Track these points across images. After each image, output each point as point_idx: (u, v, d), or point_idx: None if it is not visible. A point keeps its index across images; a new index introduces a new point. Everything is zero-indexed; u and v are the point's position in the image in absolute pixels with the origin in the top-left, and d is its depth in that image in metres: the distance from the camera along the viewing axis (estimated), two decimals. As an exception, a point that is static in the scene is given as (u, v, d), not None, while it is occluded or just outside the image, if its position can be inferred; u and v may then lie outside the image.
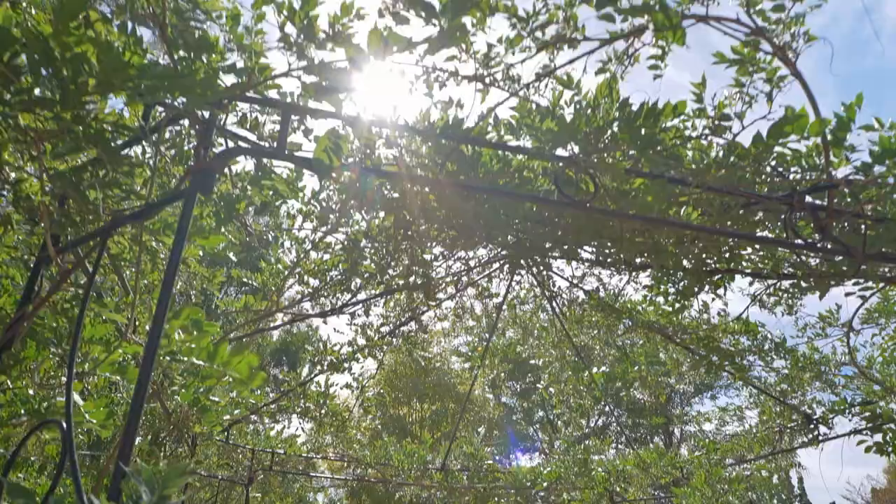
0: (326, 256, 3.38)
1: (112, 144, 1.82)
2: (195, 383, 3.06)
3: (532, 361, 20.91)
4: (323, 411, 4.91)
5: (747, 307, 3.83)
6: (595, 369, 5.08)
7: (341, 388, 4.89)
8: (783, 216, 2.13)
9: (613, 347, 4.87)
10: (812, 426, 4.47)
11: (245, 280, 3.58)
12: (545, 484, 5.58)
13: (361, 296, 3.96)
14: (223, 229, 2.54)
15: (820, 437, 4.45)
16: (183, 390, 3.13)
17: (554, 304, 4.83)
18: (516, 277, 4.69)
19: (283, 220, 3.21)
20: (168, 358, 1.82)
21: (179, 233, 1.61)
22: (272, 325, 3.87)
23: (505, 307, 4.94)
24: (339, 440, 5.41)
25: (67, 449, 1.39)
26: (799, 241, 2.17)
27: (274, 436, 5.31)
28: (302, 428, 5.15)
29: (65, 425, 1.43)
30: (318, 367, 4.68)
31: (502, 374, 20.44)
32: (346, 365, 4.69)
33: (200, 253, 3.02)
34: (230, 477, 5.26)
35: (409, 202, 2.72)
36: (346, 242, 3.19)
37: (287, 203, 2.84)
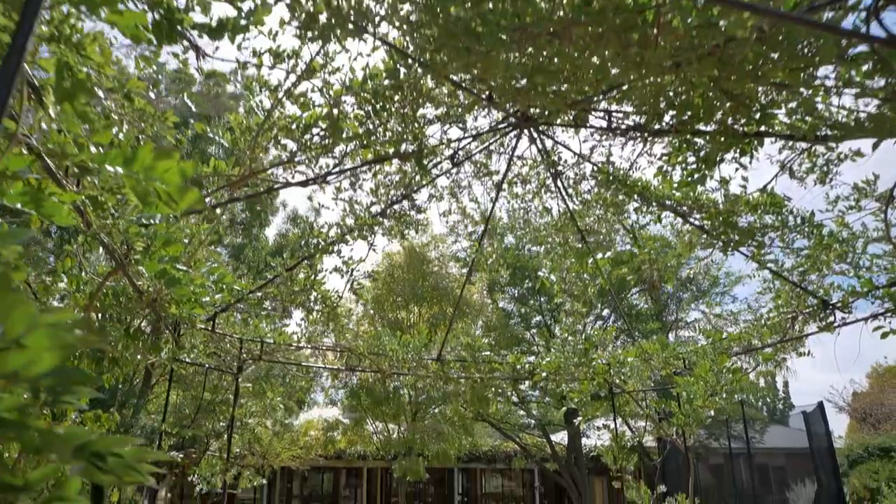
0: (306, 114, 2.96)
1: None
2: (159, 250, 2.73)
3: (532, 255, 20.84)
4: (312, 297, 4.65)
5: (775, 177, 3.46)
6: (600, 255, 4.79)
7: (330, 273, 4.60)
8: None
9: (621, 231, 4.54)
10: (828, 311, 4.23)
11: (212, 140, 3.16)
12: (544, 374, 5.45)
13: (347, 164, 3.57)
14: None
15: (835, 323, 4.22)
16: (147, 260, 2.81)
17: (559, 182, 4.46)
18: (518, 152, 4.29)
19: (249, 61, 2.75)
20: (79, 170, 1.46)
21: None
22: (247, 194, 3.49)
23: (505, 185, 4.56)
24: (330, 329, 5.20)
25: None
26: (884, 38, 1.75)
27: (262, 326, 5.11)
28: (290, 316, 4.91)
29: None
30: (305, 249, 4.37)
31: (502, 278, 20.44)
32: (334, 248, 4.39)
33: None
34: (218, 366, 5.09)
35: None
36: (324, 90, 2.75)
37: (250, 33, 2.37)
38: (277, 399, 5.07)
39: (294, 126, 2.96)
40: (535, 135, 4.10)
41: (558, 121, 3.79)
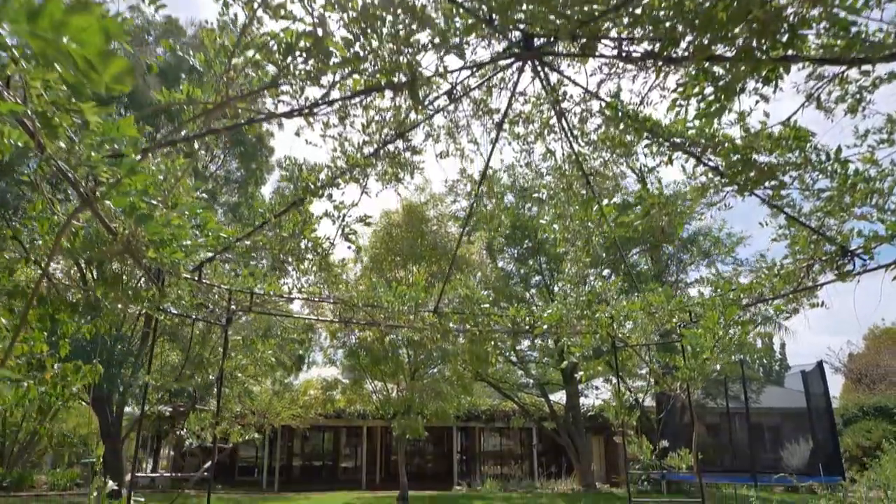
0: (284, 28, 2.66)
1: None
2: (126, 181, 2.47)
3: (531, 216, 20.62)
4: (302, 245, 4.42)
5: (801, 107, 3.18)
6: (606, 202, 4.53)
7: (321, 218, 4.35)
8: None
9: (628, 178, 4.28)
10: (847, 258, 4.00)
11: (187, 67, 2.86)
12: (545, 327, 5.26)
13: (336, 95, 3.28)
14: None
15: (854, 271, 4.00)
16: (114, 193, 2.55)
17: (563, 121, 4.17)
18: (520, 87, 3.99)
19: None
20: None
21: None
22: (226, 126, 3.21)
23: (506, 125, 4.27)
24: (322, 280, 4.98)
25: None
26: None
27: (252, 277, 4.88)
28: (286, 273, 4.69)
29: None
30: (294, 192, 4.12)
31: (501, 238, 20.22)
32: (324, 191, 4.13)
33: None
34: (206, 317, 4.88)
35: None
36: (306, 2, 2.45)
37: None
38: (269, 352, 4.88)
39: (274, 46, 2.66)
40: (540, 67, 3.79)
41: (564, 51, 3.49)
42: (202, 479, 23.98)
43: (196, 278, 4.70)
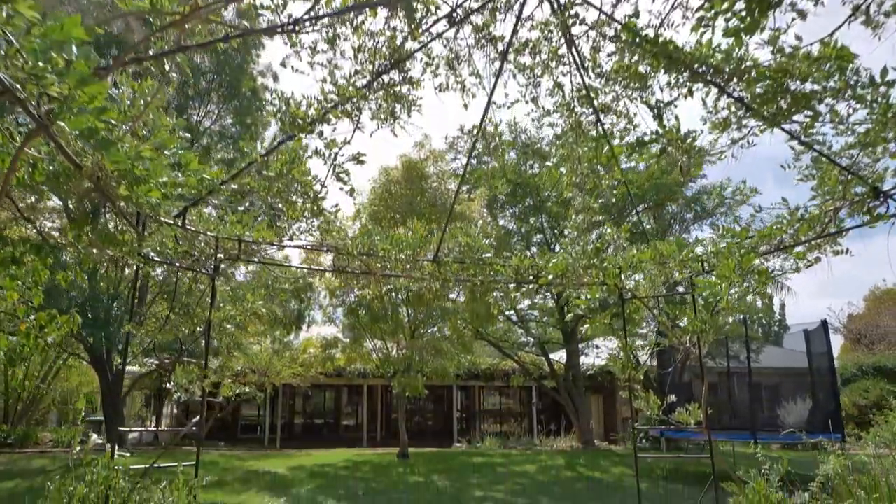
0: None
1: None
2: (81, 98, 2.15)
3: (533, 174, 20.22)
4: (293, 187, 4.11)
5: (846, 21, 2.82)
6: (617, 141, 4.21)
7: (310, 157, 4.03)
8: None
9: (641, 114, 3.94)
10: (879, 200, 3.71)
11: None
12: (550, 277, 5.00)
13: (323, 11, 2.93)
14: None
15: (888, 211, 3.71)
16: (68, 114, 2.23)
17: (573, 50, 3.82)
18: (526, 11, 3.62)
19: None
20: None
21: None
22: (200, 42, 2.87)
23: (511, 56, 3.91)
24: (315, 228, 4.70)
25: None
26: None
27: (240, 223, 4.60)
28: (271, 209, 4.39)
29: None
30: (281, 128, 3.80)
31: (502, 194, 19.87)
32: (314, 126, 3.81)
33: None
34: (191, 266, 4.62)
35: None
36: None
37: None
38: (259, 303, 4.64)
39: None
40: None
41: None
42: (192, 434, 24.22)
43: (180, 224, 4.41)
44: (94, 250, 3.64)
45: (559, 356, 24.56)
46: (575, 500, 11.26)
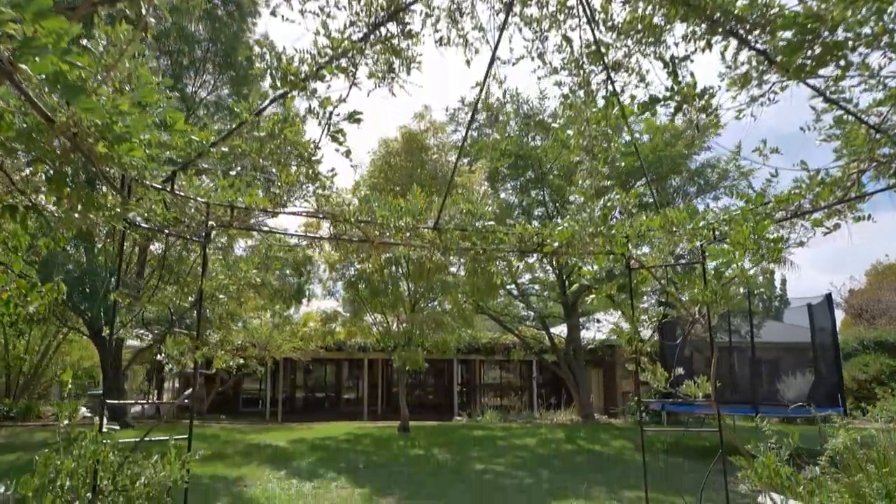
0: None
1: None
2: (42, 36, 1.93)
3: (534, 146, 19.92)
4: (287, 150, 3.90)
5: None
6: (628, 101, 3.97)
7: (304, 118, 3.81)
8: None
9: (654, 71, 3.69)
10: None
11: None
12: (555, 245, 4.80)
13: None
14: None
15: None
16: (32, 58, 2.01)
17: (584, 1, 3.56)
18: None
19: None
20: None
21: None
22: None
23: (517, 6, 3.65)
24: (311, 194, 4.49)
25: None
26: None
27: (231, 188, 4.39)
28: (263, 172, 4.18)
29: None
30: (271, 86, 3.57)
31: (503, 167, 19.59)
32: (307, 84, 3.58)
33: None
34: (181, 233, 4.42)
35: None
36: None
37: None
38: (253, 272, 4.46)
39: None
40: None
41: None
42: (184, 406, 24.34)
43: (168, 189, 4.21)
44: (76, 215, 3.44)
45: (560, 330, 24.52)
46: (575, 473, 11.24)
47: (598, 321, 25.81)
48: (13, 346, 24.09)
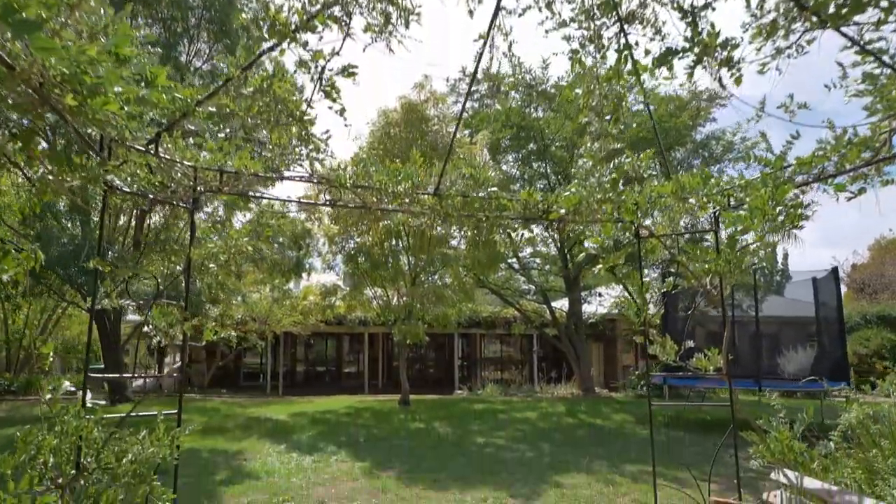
0: None
1: None
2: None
3: (536, 118, 19.53)
4: (278, 108, 3.65)
5: None
6: (643, 57, 3.70)
7: (294, 72, 3.55)
8: None
9: (674, 20, 3.41)
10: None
11: None
12: (562, 211, 4.57)
13: None
14: None
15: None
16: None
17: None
18: None
19: None
20: None
21: None
22: None
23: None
24: (304, 157, 4.23)
25: None
26: None
27: (220, 150, 4.15)
28: (253, 132, 3.92)
29: None
30: (258, 37, 3.30)
31: (506, 138, 19.23)
32: (298, 34, 3.31)
33: None
34: (167, 198, 4.18)
35: None
36: None
37: None
38: (244, 239, 4.23)
39: None
40: None
41: None
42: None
43: (152, 151, 3.96)
44: (49, 176, 3.20)
45: (561, 304, 24.41)
46: (576, 447, 11.17)
47: (600, 295, 25.70)
48: (13, 321, 24.04)
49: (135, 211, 17.44)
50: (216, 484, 8.01)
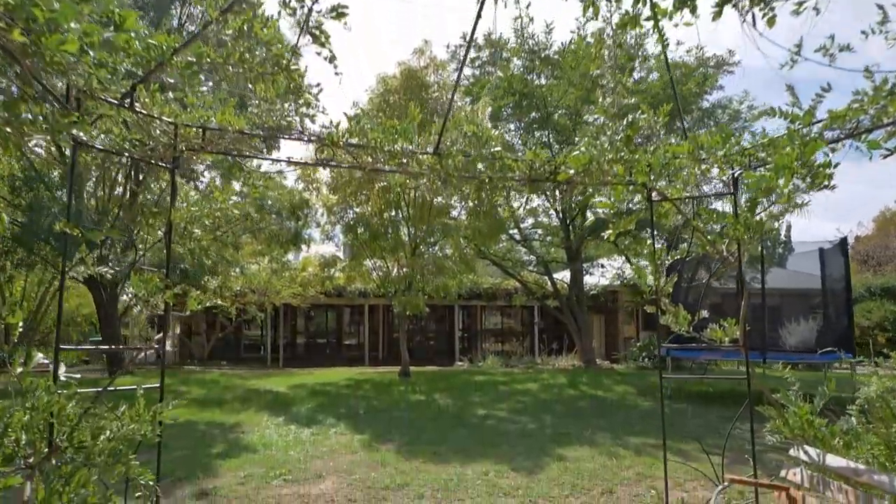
0: None
1: None
2: None
3: (539, 85, 18.99)
4: (263, 57, 3.32)
5: None
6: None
7: (279, 17, 3.20)
8: None
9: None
10: None
11: None
12: (571, 172, 4.26)
13: None
14: None
15: None
16: None
17: None
18: None
19: None
20: None
21: None
22: None
23: None
24: (295, 113, 3.91)
25: None
26: None
27: (202, 107, 3.83)
28: (234, 79, 3.59)
29: None
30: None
31: (507, 106, 18.73)
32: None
33: None
34: (146, 157, 3.87)
35: None
36: None
37: None
38: (231, 201, 3.94)
39: None
40: None
41: None
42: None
43: (127, 106, 3.64)
44: (8, 129, 2.88)
45: (562, 276, 24.18)
46: (578, 419, 11.02)
47: (602, 266, 25.44)
48: (9, 293, 23.85)
49: (128, 178, 17.11)
50: (212, 457, 7.84)
